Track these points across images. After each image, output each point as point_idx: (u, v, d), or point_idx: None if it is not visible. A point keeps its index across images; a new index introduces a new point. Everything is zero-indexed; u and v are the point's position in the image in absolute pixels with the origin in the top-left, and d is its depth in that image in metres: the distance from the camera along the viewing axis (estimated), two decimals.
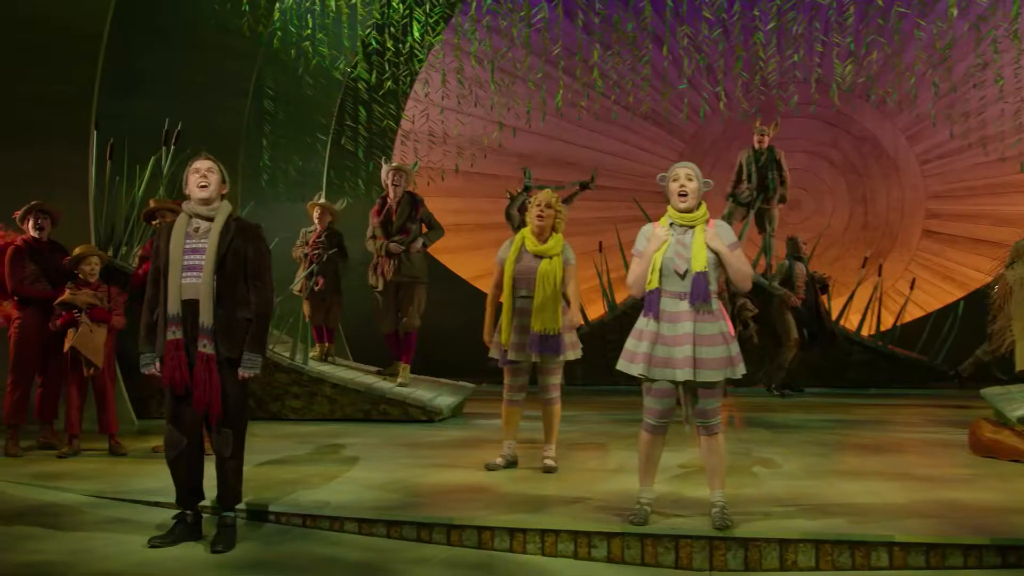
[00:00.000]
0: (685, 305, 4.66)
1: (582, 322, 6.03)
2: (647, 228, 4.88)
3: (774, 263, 13.27)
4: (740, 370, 4.71)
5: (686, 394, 4.74)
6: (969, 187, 14.41)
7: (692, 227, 4.75)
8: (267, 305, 4.92)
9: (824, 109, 13.74)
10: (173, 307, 4.71)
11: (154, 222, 7.34)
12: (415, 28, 11.70)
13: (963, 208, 14.54)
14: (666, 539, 4.68)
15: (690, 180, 4.78)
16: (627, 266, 12.82)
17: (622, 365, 4.82)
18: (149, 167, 9.54)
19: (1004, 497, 5.43)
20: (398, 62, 12.70)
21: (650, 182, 15.14)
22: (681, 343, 4.64)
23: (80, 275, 7.16)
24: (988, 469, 6.40)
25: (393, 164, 9.41)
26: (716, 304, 4.72)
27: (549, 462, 6.30)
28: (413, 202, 9.30)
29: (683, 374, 4.62)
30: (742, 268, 4.75)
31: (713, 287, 4.71)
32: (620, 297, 13.37)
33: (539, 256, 6.25)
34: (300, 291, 9.63)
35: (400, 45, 12.00)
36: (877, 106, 14.28)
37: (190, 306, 4.70)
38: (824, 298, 11.83)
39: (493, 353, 6.40)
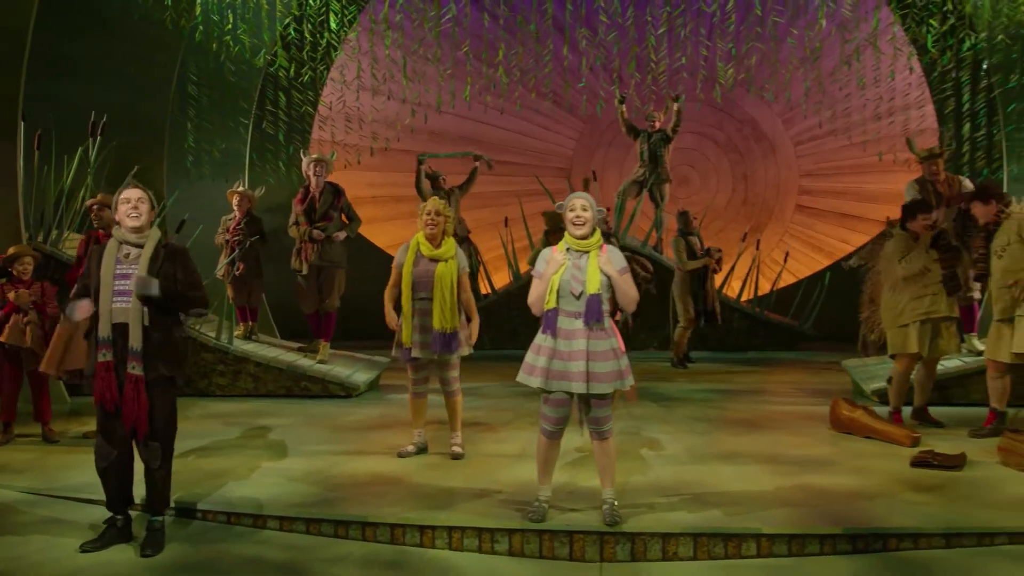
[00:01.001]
0: (580, 324, 4.72)
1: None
2: (546, 252, 4.90)
3: (665, 236, 13.50)
4: (629, 382, 4.80)
5: (580, 403, 4.81)
6: (836, 167, 14.72)
7: (587, 252, 4.79)
8: (202, 302, 4.88)
9: (710, 96, 13.86)
10: (104, 330, 4.60)
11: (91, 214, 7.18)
12: (332, 20, 11.45)
13: (831, 186, 14.87)
14: (561, 534, 4.77)
15: (585, 210, 4.80)
16: (529, 237, 13.14)
17: (522, 377, 4.87)
18: (76, 157, 9.25)
19: (858, 482, 5.63)
20: (315, 54, 12.50)
21: (550, 158, 15.42)
22: (576, 358, 4.70)
23: (14, 273, 6.93)
24: (846, 447, 6.64)
25: (314, 156, 9.26)
26: (608, 322, 4.78)
27: (456, 449, 6.34)
28: (335, 192, 9.24)
29: (578, 387, 4.69)
30: (629, 292, 4.80)
31: (605, 307, 4.77)
32: (524, 267, 13.45)
33: (434, 260, 6.23)
34: (223, 276, 9.46)
35: (318, 36, 11.74)
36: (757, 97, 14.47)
37: (120, 329, 4.60)
38: (714, 275, 11.61)
39: (395, 353, 6.38)
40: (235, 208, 9.60)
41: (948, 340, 7.20)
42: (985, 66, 11.78)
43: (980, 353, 8.02)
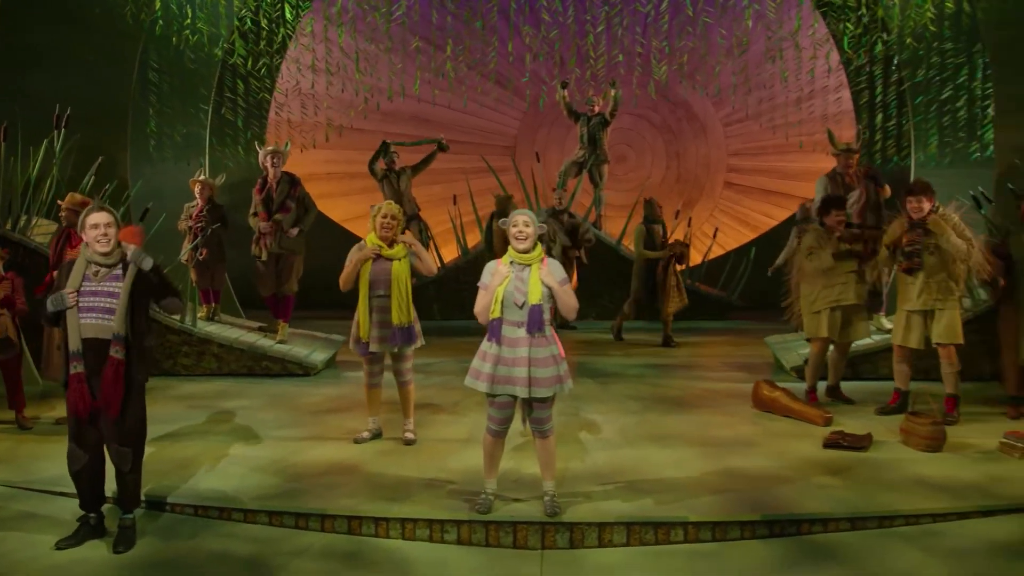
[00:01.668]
0: (523, 332, 4.79)
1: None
2: (491, 264, 4.94)
3: (604, 212, 13.60)
4: (568, 386, 4.89)
5: (523, 405, 4.90)
6: (761, 147, 14.84)
7: (529, 265, 4.84)
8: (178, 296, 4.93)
9: (647, 72, 13.90)
10: (74, 344, 4.56)
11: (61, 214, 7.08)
12: (287, 10, 11.26)
13: (756, 164, 15.01)
14: (506, 525, 4.89)
15: (527, 226, 4.84)
16: (476, 212, 13.15)
17: (469, 382, 4.94)
18: (42, 148, 9.03)
19: (776, 464, 5.81)
20: (272, 45, 12.32)
21: (495, 137, 15.38)
22: (519, 364, 4.77)
23: None
24: (766, 427, 6.82)
25: (269, 148, 9.16)
26: (549, 330, 4.86)
27: (409, 435, 6.40)
28: (291, 182, 9.14)
29: (521, 391, 4.77)
30: (569, 302, 4.87)
31: (547, 316, 4.84)
32: (472, 241, 13.47)
33: (390, 259, 6.24)
34: (187, 261, 9.37)
35: (274, 26, 11.54)
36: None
37: (89, 343, 4.56)
38: (677, 266, 11.10)
39: (353, 348, 6.39)
40: (197, 196, 9.48)
41: (858, 325, 7.41)
42: (896, 62, 11.96)
43: (889, 331, 8.23)
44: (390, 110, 14.31)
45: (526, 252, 4.85)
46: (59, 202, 7.36)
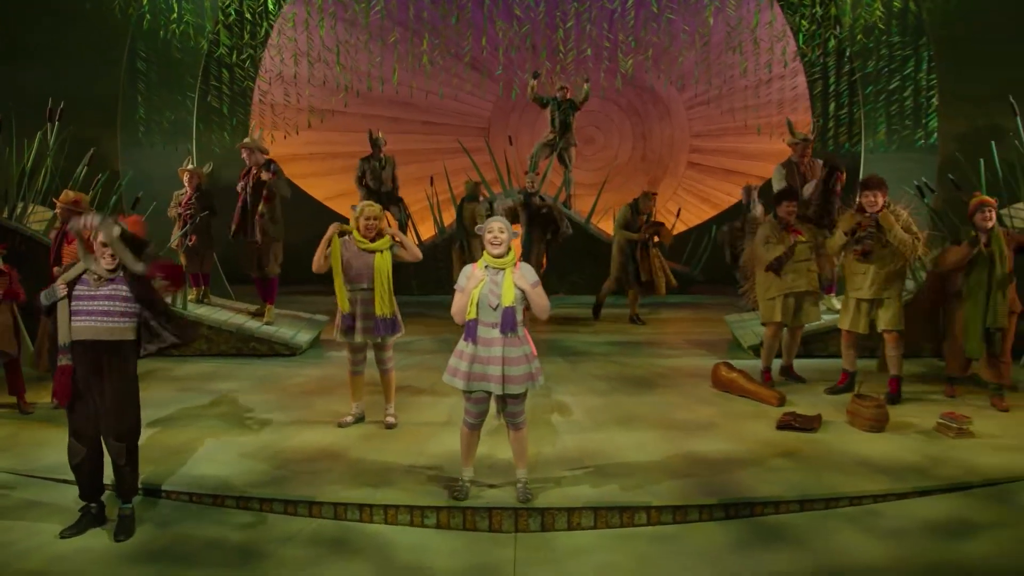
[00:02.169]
0: (496, 332, 4.85)
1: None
2: (467, 268, 4.98)
3: (574, 192, 13.65)
4: (539, 383, 4.98)
5: (498, 400, 4.98)
6: (722, 128, 14.90)
7: (503, 269, 4.89)
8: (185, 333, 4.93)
9: (614, 64, 13.89)
10: (63, 337, 4.61)
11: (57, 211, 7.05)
12: (269, 2, 11.12)
13: (718, 145, 15.09)
14: (482, 510, 4.99)
15: (502, 232, 4.88)
16: (451, 191, 13.15)
17: (446, 379, 5.01)
18: (36, 140, 8.96)
19: (732, 447, 5.93)
20: (256, 37, 12.21)
21: (471, 119, 15.35)
22: (493, 363, 4.85)
23: None
24: (724, 408, 6.93)
25: (244, 141, 9.13)
26: (521, 330, 4.92)
27: (390, 419, 6.47)
28: (270, 169, 9.06)
29: (495, 388, 4.85)
30: (541, 302, 4.93)
31: (519, 317, 4.91)
32: (448, 219, 13.47)
33: (371, 252, 6.25)
34: (177, 246, 9.33)
35: (257, 17, 11.40)
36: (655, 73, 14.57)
37: (87, 345, 4.60)
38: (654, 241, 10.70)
39: (340, 337, 6.39)
40: (186, 184, 9.43)
41: (809, 310, 7.55)
42: (847, 54, 12.04)
43: (839, 311, 8.35)
44: (369, 95, 14.24)
45: (500, 257, 4.90)
46: (54, 199, 7.29)
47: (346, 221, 6.38)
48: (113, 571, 4.45)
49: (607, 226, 12.93)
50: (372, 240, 6.25)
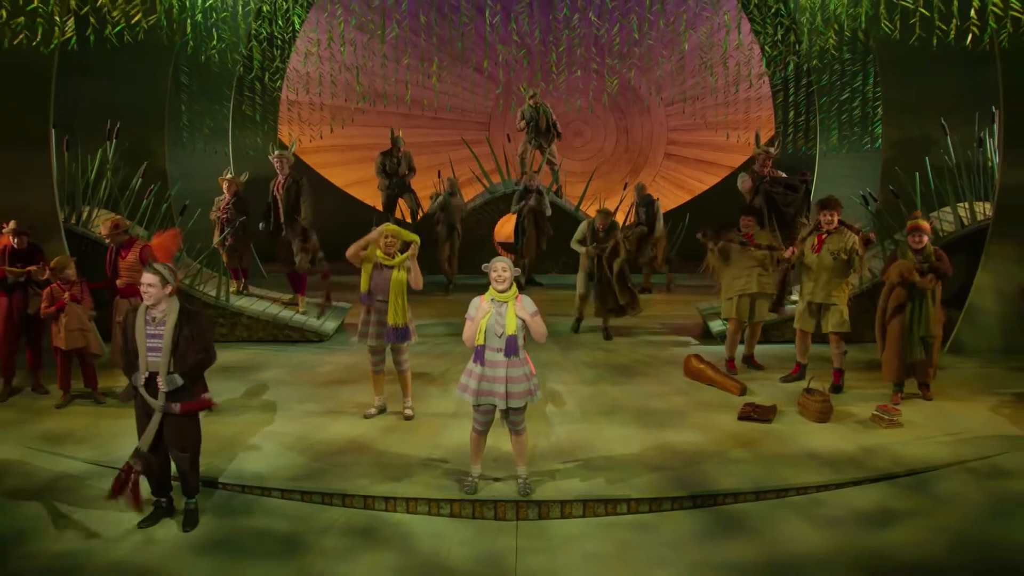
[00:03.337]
0: (501, 356, 5.05)
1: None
2: (476, 300, 5.16)
3: (564, 181, 13.74)
4: (536, 397, 5.20)
5: (501, 411, 5.19)
6: (696, 123, 14.97)
7: (506, 302, 5.07)
8: (208, 362, 5.03)
9: (601, 66, 13.91)
10: (142, 376, 4.79)
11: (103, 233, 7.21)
12: (295, 21, 11.10)
13: (693, 138, 15.14)
14: (488, 503, 5.24)
15: (505, 271, 5.05)
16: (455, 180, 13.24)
17: (458, 393, 5.24)
18: (97, 158, 9.11)
19: (700, 439, 6.15)
20: (285, 54, 12.24)
21: (471, 115, 15.37)
22: (498, 381, 5.06)
23: (62, 277, 6.93)
24: (694, 398, 7.14)
25: (276, 152, 9.23)
26: (522, 353, 5.12)
27: (408, 412, 6.69)
28: (297, 187, 9.20)
29: (500, 403, 5.08)
30: (539, 329, 5.11)
31: (520, 342, 5.10)
32: None
33: (389, 267, 6.42)
34: (218, 246, 9.50)
35: (285, 34, 11.40)
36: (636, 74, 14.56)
37: (152, 376, 4.80)
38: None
39: (373, 342, 6.58)
40: (225, 191, 9.55)
41: (762, 309, 7.77)
42: (805, 69, 12.09)
43: (795, 303, 8.56)
44: (383, 92, 14.24)
45: (504, 292, 5.08)
46: (104, 220, 7.43)
47: (364, 206, 6.54)
48: (184, 561, 4.69)
49: (593, 212, 13.04)
50: (392, 255, 6.41)
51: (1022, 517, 5.04)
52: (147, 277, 4.81)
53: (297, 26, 11.31)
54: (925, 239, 6.69)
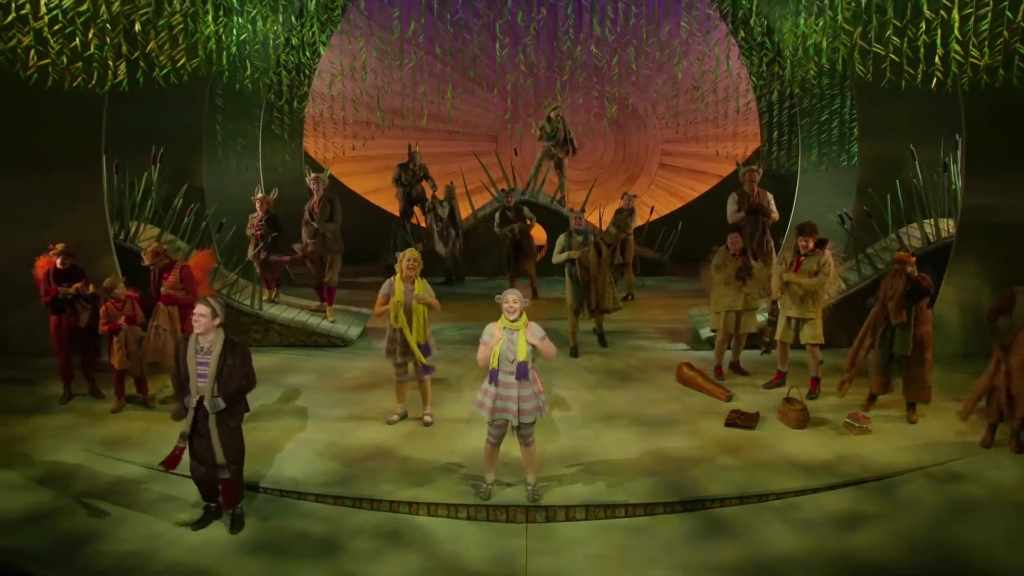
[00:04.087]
0: (513, 379, 5.27)
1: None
2: (490, 327, 5.35)
3: (567, 188, 13.87)
4: (544, 413, 5.43)
5: (513, 425, 5.41)
6: (689, 136, 15.09)
7: (517, 330, 5.28)
8: (248, 388, 5.25)
9: (601, 92, 14.08)
10: (192, 400, 5.01)
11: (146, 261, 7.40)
12: (320, 48, 11.24)
13: (685, 149, 15.26)
14: (501, 507, 5.47)
15: (515, 302, 5.25)
16: (466, 186, 13.43)
17: (474, 409, 5.48)
18: (143, 181, 9.35)
19: (690, 444, 6.33)
20: (310, 78, 12.42)
21: (481, 128, 15.49)
22: (511, 400, 5.30)
23: (113, 298, 7.12)
24: (685, 403, 7.27)
25: (313, 175, 9.41)
26: (531, 375, 5.34)
27: (428, 419, 6.88)
28: (331, 204, 9.38)
29: (512, 419, 5.31)
30: (548, 351, 5.33)
31: (531, 365, 5.31)
32: (464, 214, 13.72)
33: (410, 286, 6.61)
34: (252, 260, 9.71)
35: (311, 60, 11.55)
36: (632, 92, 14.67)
37: (200, 400, 5.03)
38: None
39: (388, 357, 6.81)
40: (258, 208, 9.75)
41: (748, 322, 7.95)
42: (788, 92, 12.22)
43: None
44: (398, 107, 14.39)
45: (515, 321, 5.28)
46: (143, 251, 7.63)
47: (383, 212, 6.71)
48: (234, 561, 4.94)
49: (594, 219, 13.22)
50: (412, 282, 6.58)
51: (974, 520, 5.24)
52: (200, 308, 5.03)
53: (321, 51, 11.43)
54: (904, 272, 6.77)
